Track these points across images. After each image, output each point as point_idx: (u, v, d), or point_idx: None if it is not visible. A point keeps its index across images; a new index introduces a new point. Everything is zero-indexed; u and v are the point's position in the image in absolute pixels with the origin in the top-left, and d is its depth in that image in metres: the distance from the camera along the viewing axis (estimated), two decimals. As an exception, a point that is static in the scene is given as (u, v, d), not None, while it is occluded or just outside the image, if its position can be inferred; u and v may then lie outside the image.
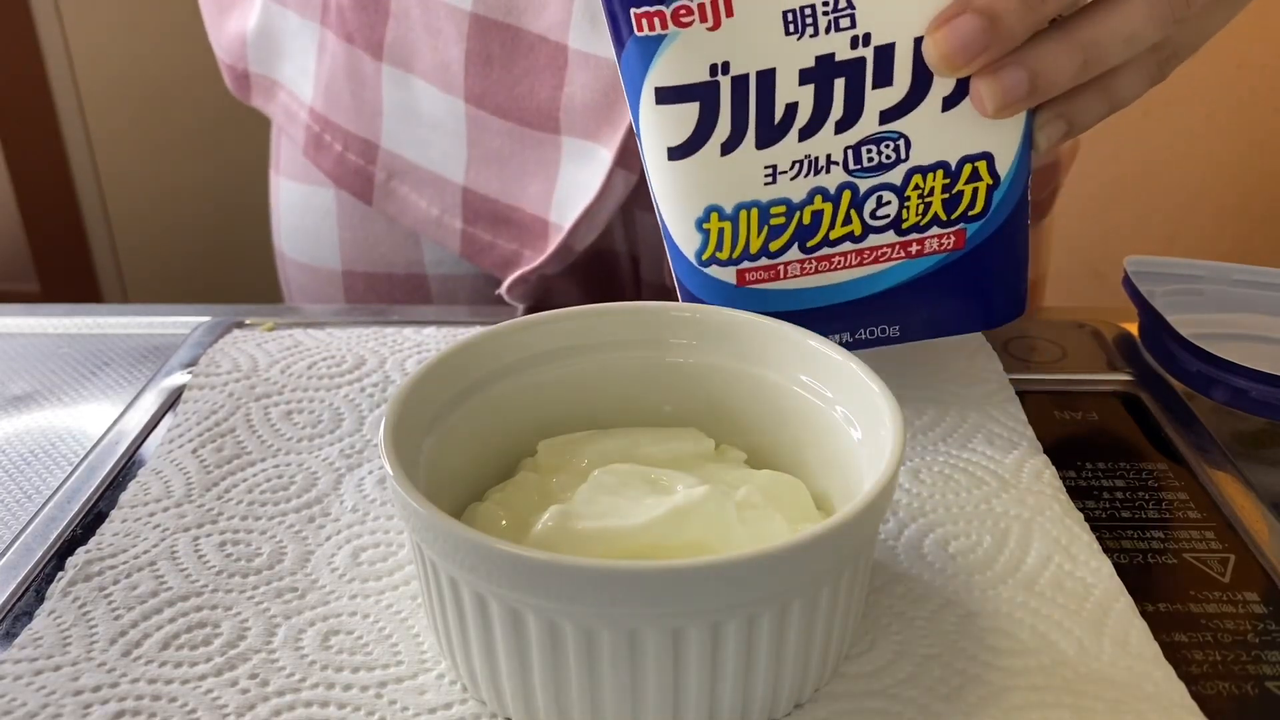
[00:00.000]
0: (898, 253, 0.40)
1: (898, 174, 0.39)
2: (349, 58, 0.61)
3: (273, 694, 0.32)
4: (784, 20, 0.36)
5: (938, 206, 0.39)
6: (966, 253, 0.40)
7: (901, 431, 0.32)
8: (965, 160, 0.39)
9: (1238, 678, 0.33)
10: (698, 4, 0.35)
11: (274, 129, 0.69)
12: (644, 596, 0.27)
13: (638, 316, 0.39)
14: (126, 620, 0.35)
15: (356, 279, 0.66)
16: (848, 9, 0.35)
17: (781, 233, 0.39)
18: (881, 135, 0.38)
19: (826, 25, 0.36)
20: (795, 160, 0.38)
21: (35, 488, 0.43)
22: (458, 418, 0.36)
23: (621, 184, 0.56)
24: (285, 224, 0.69)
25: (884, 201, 0.39)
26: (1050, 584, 0.36)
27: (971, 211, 0.40)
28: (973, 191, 0.39)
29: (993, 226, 0.40)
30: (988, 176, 0.39)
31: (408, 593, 0.36)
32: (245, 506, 0.40)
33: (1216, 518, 0.40)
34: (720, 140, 0.38)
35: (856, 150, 0.38)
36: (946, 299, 0.42)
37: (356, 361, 0.48)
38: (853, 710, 0.32)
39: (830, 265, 0.40)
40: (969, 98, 0.37)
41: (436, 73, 0.58)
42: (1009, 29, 0.36)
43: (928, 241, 0.40)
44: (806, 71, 0.36)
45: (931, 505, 0.40)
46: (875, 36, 0.36)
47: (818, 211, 0.39)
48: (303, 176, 0.67)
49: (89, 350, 0.54)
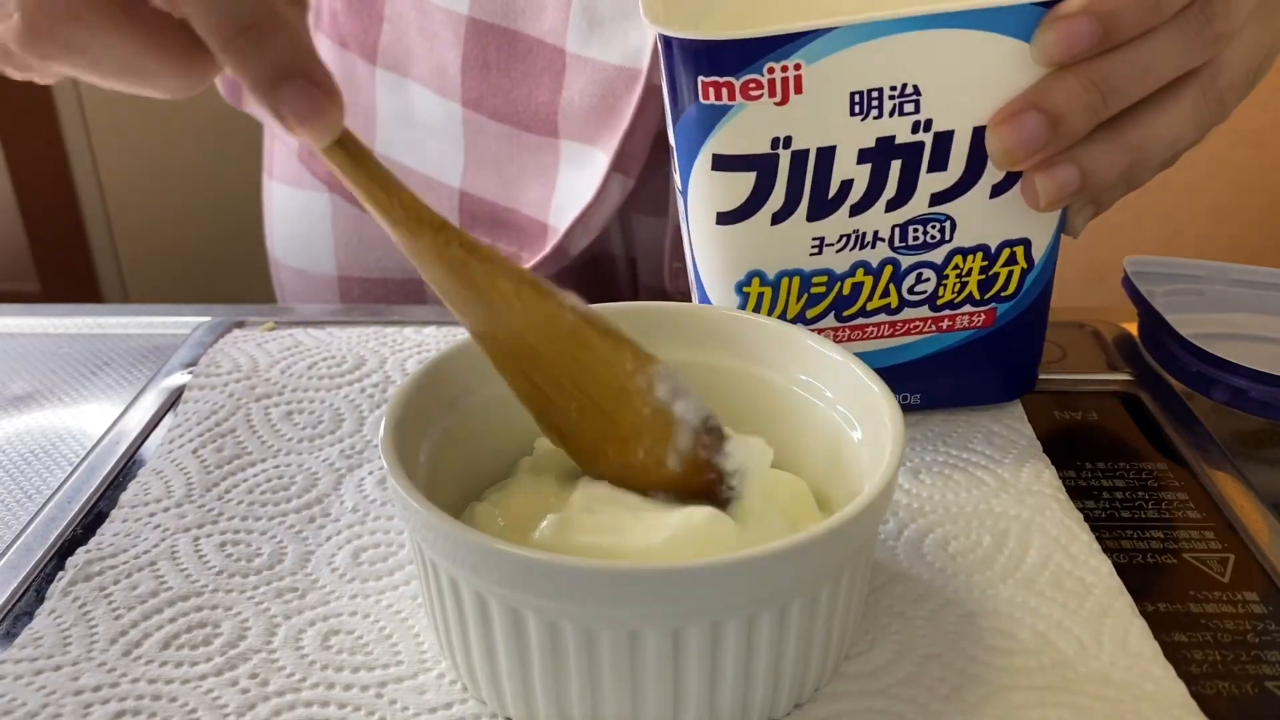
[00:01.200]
0: (929, 327, 0.41)
1: (940, 253, 0.39)
2: (343, 62, 0.61)
3: (273, 694, 0.32)
4: (850, 101, 0.36)
5: (973, 286, 0.40)
6: (993, 330, 0.42)
7: (901, 431, 0.32)
8: (1005, 245, 0.39)
9: (1237, 678, 0.33)
10: (768, 79, 0.36)
11: (266, 133, 0.69)
12: (644, 596, 0.27)
13: (638, 316, 0.39)
14: (127, 620, 0.35)
15: (352, 284, 0.66)
16: (914, 95, 0.36)
17: (820, 301, 0.40)
18: (930, 216, 0.39)
19: (891, 109, 0.36)
20: (843, 234, 0.39)
21: (35, 488, 0.43)
22: (457, 418, 0.36)
23: (618, 188, 0.56)
24: (279, 230, 0.69)
25: (923, 278, 0.40)
26: (1050, 583, 0.36)
27: (1004, 292, 0.41)
28: (1008, 274, 0.40)
29: (1021, 307, 0.41)
30: (1023, 261, 0.40)
31: (408, 593, 0.36)
32: (245, 507, 0.40)
33: (1216, 518, 0.40)
34: (772, 210, 0.38)
35: (904, 229, 0.39)
36: (970, 372, 0.43)
37: (357, 361, 0.48)
38: (853, 710, 0.32)
39: (863, 334, 0.41)
40: (1018, 188, 0.38)
41: (432, 77, 0.58)
42: (1070, 129, 0.36)
43: (959, 318, 0.41)
44: (866, 151, 0.37)
45: (931, 505, 0.40)
46: (937, 123, 0.37)
47: (858, 284, 0.40)
48: (297, 181, 0.66)
49: (89, 350, 0.54)
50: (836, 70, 0.35)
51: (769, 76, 0.35)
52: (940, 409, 0.44)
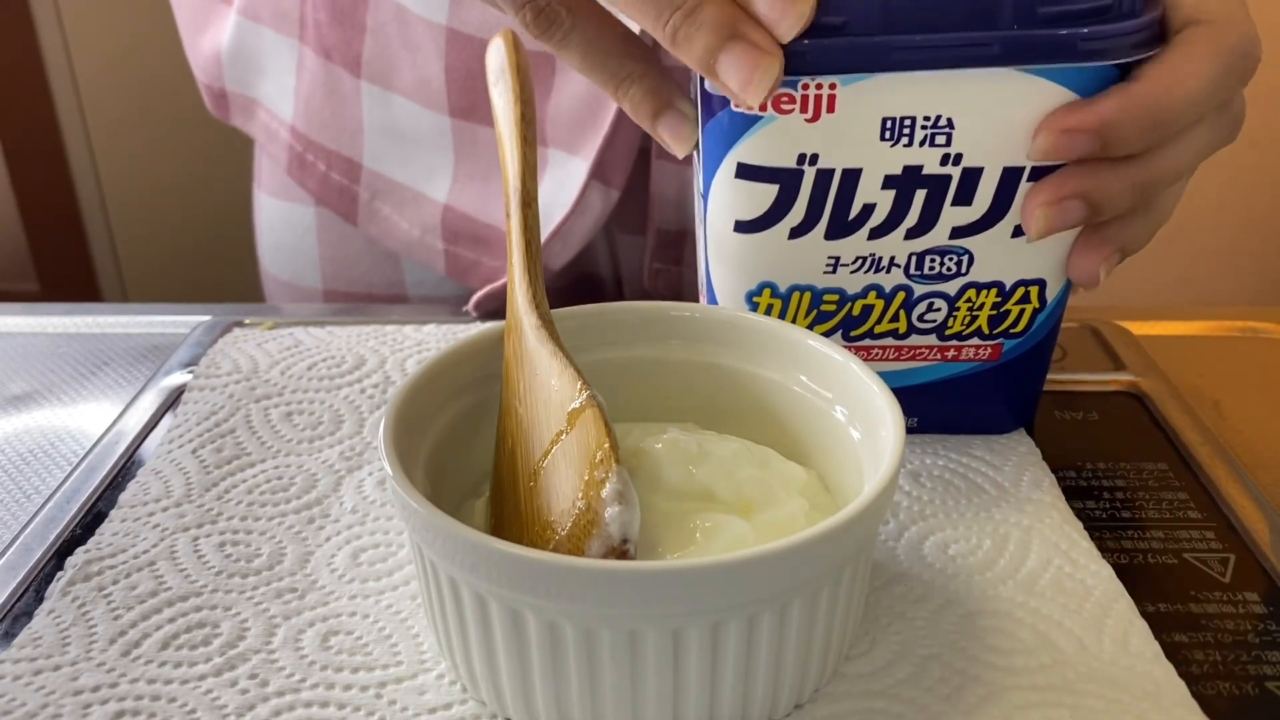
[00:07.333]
0: (934, 355, 0.41)
1: (954, 285, 0.39)
2: (328, 74, 0.60)
3: (272, 694, 0.32)
4: (882, 125, 0.36)
5: (983, 320, 0.40)
6: (998, 365, 0.41)
7: (901, 432, 0.32)
8: (1020, 284, 0.39)
9: (1238, 678, 0.33)
10: (800, 95, 0.35)
11: (256, 144, 0.69)
12: (644, 596, 0.27)
13: (638, 316, 0.39)
14: (126, 620, 0.35)
15: (337, 298, 0.66)
16: (946, 128, 0.36)
17: (829, 319, 0.40)
18: (948, 248, 0.38)
19: (923, 139, 0.36)
20: (860, 256, 0.39)
21: (35, 488, 0.43)
22: (457, 417, 0.36)
23: (599, 198, 0.55)
24: (267, 240, 0.69)
25: (934, 308, 0.40)
26: (1050, 584, 0.36)
27: (1014, 329, 0.40)
28: (1019, 311, 0.40)
29: (1027, 345, 0.41)
30: (1036, 300, 0.40)
31: (407, 593, 0.36)
32: (245, 507, 0.40)
33: (1216, 518, 0.40)
34: (791, 224, 0.38)
35: (920, 258, 0.39)
36: (970, 403, 0.43)
37: (356, 361, 0.48)
38: (853, 710, 0.32)
39: (867, 355, 0.41)
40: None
41: (417, 88, 0.58)
42: (1106, 213, 0.36)
43: (965, 350, 0.41)
44: (892, 178, 0.37)
45: (931, 509, 0.40)
46: (966, 158, 0.36)
47: (869, 306, 0.40)
48: (283, 193, 0.66)
49: (89, 350, 0.54)
50: (871, 94, 0.35)
51: (803, 92, 0.35)
52: (936, 434, 0.44)
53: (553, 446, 0.32)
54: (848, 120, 0.36)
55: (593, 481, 0.30)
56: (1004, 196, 0.37)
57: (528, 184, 0.38)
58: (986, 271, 0.39)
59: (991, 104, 0.35)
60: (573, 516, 0.30)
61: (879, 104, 0.35)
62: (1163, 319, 0.56)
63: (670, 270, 0.59)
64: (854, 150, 0.36)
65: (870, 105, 0.35)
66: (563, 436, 0.32)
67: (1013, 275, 0.39)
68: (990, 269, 0.39)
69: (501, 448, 0.35)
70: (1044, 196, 0.36)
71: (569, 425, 0.32)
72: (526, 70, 0.42)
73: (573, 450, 0.31)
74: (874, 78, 0.35)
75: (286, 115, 0.63)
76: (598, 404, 0.32)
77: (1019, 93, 0.35)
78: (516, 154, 0.39)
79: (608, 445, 0.30)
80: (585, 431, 0.31)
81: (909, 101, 0.35)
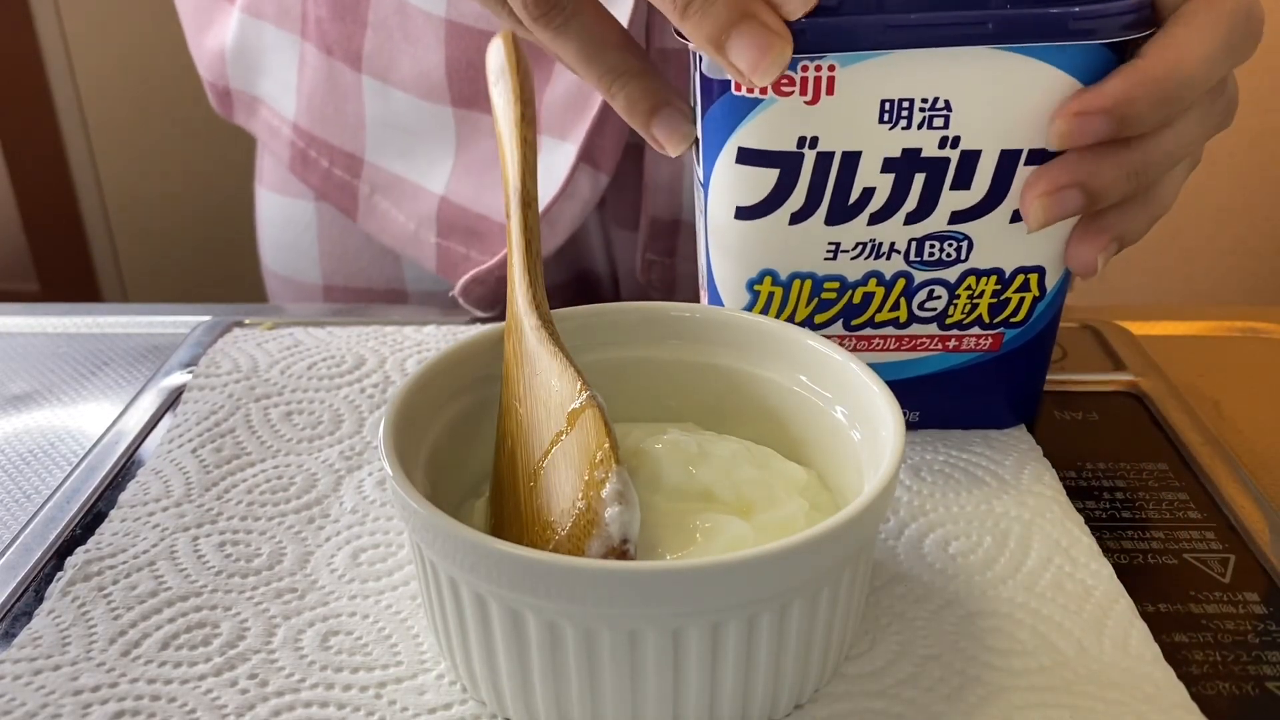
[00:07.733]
0: (935, 345, 0.41)
1: (954, 272, 0.39)
2: (329, 70, 0.61)
3: (272, 694, 0.32)
4: (881, 108, 0.36)
5: (983, 309, 0.40)
6: (999, 355, 0.41)
7: (901, 432, 0.32)
8: (1020, 271, 0.39)
9: (1238, 678, 0.33)
10: (800, 77, 0.35)
11: (258, 143, 0.69)
12: (644, 596, 0.27)
13: (637, 316, 0.39)
14: (126, 620, 0.35)
15: (336, 294, 0.66)
16: (944, 110, 0.36)
17: (830, 307, 0.40)
18: (947, 234, 0.38)
19: (921, 121, 0.36)
20: (860, 242, 0.39)
21: (35, 488, 0.43)
22: (457, 417, 0.36)
23: (587, 182, 0.55)
24: (267, 237, 0.69)
25: (934, 295, 0.40)
26: (1050, 585, 0.36)
27: (1014, 319, 0.40)
28: (1019, 300, 0.40)
29: (1028, 335, 0.41)
30: (1036, 289, 0.40)
31: (407, 593, 0.36)
32: (245, 507, 0.40)
33: (1216, 518, 0.40)
34: (792, 210, 0.38)
35: (920, 243, 0.39)
36: (971, 395, 0.43)
37: (356, 361, 0.48)
38: (853, 711, 0.32)
39: (869, 345, 0.41)
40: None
41: (417, 81, 0.58)
42: (1103, 200, 0.36)
43: (966, 340, 0.41)
44: (890, 160, 0.37)
45: (931, 505, 0.40)
46: (964, 141, 0.36)
47: (869, 293, 0.40)
48: (284, 190, 0.66)
49: (88, 350, 0.54)
50: (870, 75, 0.35)
51: (802, 74, 0.35)
52: (936, 428, 0.44)
53: (553, 447, 0.32)
54: (847, 102, 0.36)
55: (593, 482, 0.30)
56: (1002, 180, 0.37)
57: (528, 184, 0.38)
58: (986, 258, 0.39)
59: (988, 85, 0.35)
60: (573, 517, 0.30)
61: (877, 86, 0.35)
62: (1163, 319, 0.56)
63: (664, 263, 0.59)
64: (853, 133, 0.36)
65: (869, 87, 0.35)
66: (563, 437, 0.32)
67: (1012, 262, 0.39)
68: (990, 255, 0.39)
69: (501, 448, 0.35)
70: (1041, 187, 0.36)
71: (569, 425, 0.32)
72: (527, 71, 0.42)
73: (573, 450, 0.31)
74: (873, 59, 0.35)
75: (289, 113, 0.64)
76: (598, 404, 0.32)
77: (1015, 75, 0.35)
78: (517, 154, 0.39)
79: (608, 445, 0.30)
80: (585, 432, 0.31)
81: (907, 83, 0.35)
